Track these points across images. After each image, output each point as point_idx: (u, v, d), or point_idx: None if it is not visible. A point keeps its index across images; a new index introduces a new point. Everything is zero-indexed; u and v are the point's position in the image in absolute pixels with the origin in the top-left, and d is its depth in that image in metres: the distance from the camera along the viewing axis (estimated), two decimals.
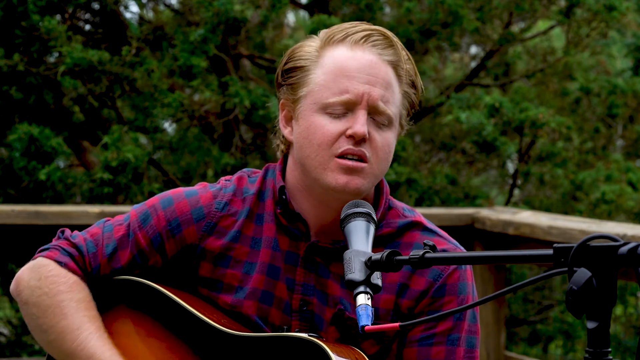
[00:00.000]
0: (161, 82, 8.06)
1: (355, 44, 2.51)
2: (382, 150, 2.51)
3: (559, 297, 9.88)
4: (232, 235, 2.59)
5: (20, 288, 2.60)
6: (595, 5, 8.98)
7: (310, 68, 2.53)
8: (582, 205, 9.02)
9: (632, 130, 10.13)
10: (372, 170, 2.50)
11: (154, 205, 2.62)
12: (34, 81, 7.98)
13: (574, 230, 4.99)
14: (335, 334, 2.56)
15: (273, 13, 8.25)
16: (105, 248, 2.60)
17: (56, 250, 2.60)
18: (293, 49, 2.59)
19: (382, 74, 2.50)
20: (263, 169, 2.67)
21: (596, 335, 1.84)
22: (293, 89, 2.55)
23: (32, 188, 7.80)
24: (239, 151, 8.63)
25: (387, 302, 2.55)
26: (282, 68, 2.58)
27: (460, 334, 2.57)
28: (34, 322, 2.59)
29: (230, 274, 2.59)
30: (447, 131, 9.55)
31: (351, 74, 2.49)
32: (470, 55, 11.36)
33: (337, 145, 2.48)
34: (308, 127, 2.51)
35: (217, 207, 2.61)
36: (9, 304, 9.32)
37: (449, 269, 2.56)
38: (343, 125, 2.48)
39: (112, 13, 8.59)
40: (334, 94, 2.49)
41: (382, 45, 2.52)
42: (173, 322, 2.55)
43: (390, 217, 2.61)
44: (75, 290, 2.56)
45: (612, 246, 1.83)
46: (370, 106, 2.48)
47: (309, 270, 2.57)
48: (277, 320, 2.57)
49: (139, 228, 2.61)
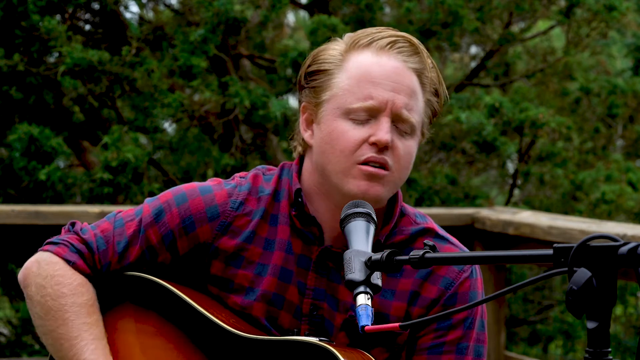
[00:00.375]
0: (161, 82, 8.06)
1: (381, 50, 2.48)
2: (404, 158, 2.49)
3: (559, 297, 9.88)
4: (246, 235, 2.57)
5: (27, 281, 2.59)
6: (595, 5, 8.98)
7: (335, 72, 2.50)
8: (582, 205, 9.02)
9: (632, 130, 10.13)
10: (393, 178, 2.48)
11: (168, 201, 2.58)
12: (34, 81, 7.97)
13: (574, 230, 4.99)
14: (345, 340, 2.54)
15: (273, 13, 8.25)
16: (117, 245, 2.57)
17: (65, 247, 2.58)
18: (317, 51, 2.55)
19: (406, 82, 2.48)
20: (279, 167, 2.64)
21: (596, 335, 1.84)
22: (316, 92, 2.52)
23: (32, 188, 7.80)
24: (239, 151, 8.63)
25: (399, 309, 2.54)
26: (305, 70, 2.55)
27: (469, 342, 2.57)
28: (37, 320, 2.59)
29: (241, 274, 2.57)
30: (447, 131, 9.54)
31: (376, 80, 2.46)
32: (470, 55, 11.36)
33: (359, 152, 2.46)
34: (331, 132, 2.48)
35: (232, 207, 2.58)
36: (9, 304, 9.31)
37: (461, 277, 2.56)
38: (366, 132, 2.46)
39: (112, 13, 8.59)
40: (358, 99, 2.46)
41: (407, 52, 2.49)
42: (180, 320, 2.53)
43: (402, 224, 2.59)
44: (79, 294, 2.54)
45: (612, 246, 1.83)
46: (394, 114, 2.46)
47: (321, 275, 2.55)
48: (286, 323, 2.56)
49: (150, 224, 2.57)
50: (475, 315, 2.60)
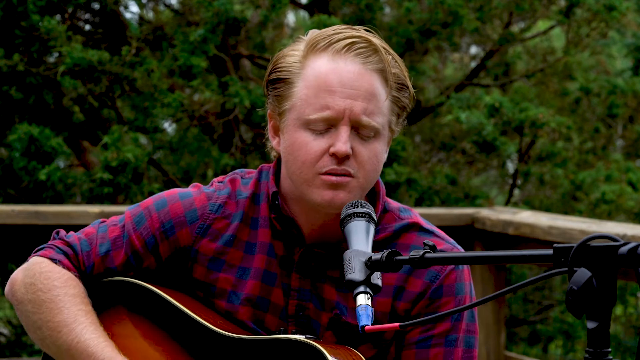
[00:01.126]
0: (161, 82, 8.06)
1: (338, 53, 2.44)
2: (369, 162, 2.46)
3: (559, 297, 9.88)
4: (227, 239, 2.58)
5: (15, 288, 2.60)
6: (595, 5, 8.98)
7: (293, 80, 2.47)
8: (582, 205, 9.02)
9: (632, 130, 10.13)
10: (358, 183, 2.46)
11: (148, 207, 2.61)
12: (34, 81, 7.98)
13: (574, 230, 4.99)
14: (332, 338, 2.54)
15: (273, 13, 8.25)
16: (99, 247, 2.60)
17: (50, 249, 2.61)
18: (277, 58, 2.53)
19: (365, 86, 2.44)
20: (257, 170, 2.65)
21: (596, 335, 1.84)
22: (278, 101, 2.50)
23: (32, 188, 7.81)
24: (238, 151, 8.63)
25: (384, 304, 2.54)
26: (267, 78, 2.54)
27: (458, 334, 2.55)
28: (28, 319, 2.58)
29: (222, 278, 2.57)
30: (447, 131, 9.56)
31: (332, 89, 2.43)
32: (470, 55, 11.36)
33: (320, 163, 2.44)
34: (292, 143, 2.47)
35: (211, 209, 2.59)
36: (9, 304, 9.31)
37: (446, 269, 2.54)
38: (326, 143, 2.44)
39: (112, 13, 8.59)
40: (315, 110, 2.43)
41: (366, 52, 2.45)
42: (169, 324, 2.54)
43: (385, 221, 2.58)
44: (70, 286, 2.55)
45: (612, 246, 1.83)
46: (352, 121, 2.43)
47: (305, 276, 2.55)
48: (272, 326, 2.56)
49: (133, 230, 2.60)
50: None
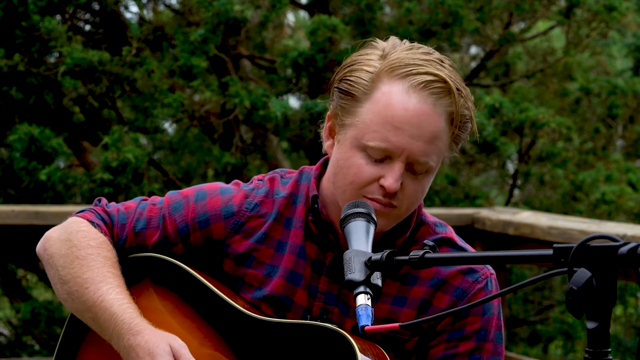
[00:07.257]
0: (161, 82, 8.06)
1: (413, 88, 2.41)
2: (414, 196, 2.46)
3: (559, 297, 9.88)
4: (259, 236, 2.60)
5: (49, 243, 2.64)
6: (595, 5, 8.98)
7: (362, 100, 2.44)
8: (582, 206, 9.02)
9: (632, 131, 10.13)
10: (399, 213, 2.47)
11: (188, 197, 2.65)
12: (34, 81, 7.98)
13: (574, 231, 4.99)
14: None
15: (273, 13, 8.25)
16: (135, 223, 2.65)
17: (91, 213, 2.66)
18: (352, 67, 2.48)
19: (430, 128, 2.41)
20: (298, 171, 2.66)
21: (596, 336, 1.84)
22: (342, 110, 2.48)
23: (32, 188, 7.81)
24: (239, 151, 8.63)
25: (409, 316, 2.53)
26: (335, 83, 2.51)
27: (482, 354, 2.54)
28: (57, 273, 2.61)
29: (251, 274, 2.60)
30: None
31: (397, 125, 2.40)
32: (470, 56, 11.36)
33: (368, 189, 2.44)
34: (346, 160, 2.46)
35: (248, 207, 2.62)
36: (9, 304, 9.32)
37: (474, 288, 2.53)
38: (378, 172, 2.43)
39: (112, 13, 8.59)
40: (375, 139, 2.41)
41: (440, 94, 2.41)
42: (196, 301, 2.58)
43: (420, 234, 2.58)
44: (104, 249, 2.59)
45: (612, 246, 1.83)
46: (409, 159, 2.42)
47: (333, 280, 2.56)
48: None
49: (168, 214, 2.64)
50: (490, 327, 2.57)
